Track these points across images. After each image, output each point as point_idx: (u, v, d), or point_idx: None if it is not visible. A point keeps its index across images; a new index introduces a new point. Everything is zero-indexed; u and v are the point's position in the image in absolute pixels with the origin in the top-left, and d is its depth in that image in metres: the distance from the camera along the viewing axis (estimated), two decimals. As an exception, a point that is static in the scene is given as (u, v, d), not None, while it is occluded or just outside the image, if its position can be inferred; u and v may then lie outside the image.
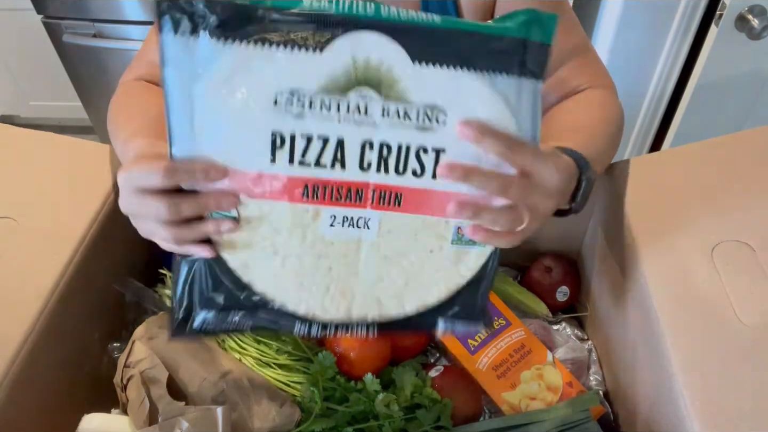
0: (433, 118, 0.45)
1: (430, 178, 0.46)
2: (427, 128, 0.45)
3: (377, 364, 0.63)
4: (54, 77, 1.89)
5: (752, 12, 1.12)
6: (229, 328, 0.51)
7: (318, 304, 0.50)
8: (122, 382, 0.59)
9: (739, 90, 1.29)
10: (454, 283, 0.50)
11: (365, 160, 0.45)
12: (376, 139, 0.45)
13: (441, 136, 0.45)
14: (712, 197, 0.63)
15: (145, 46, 0.75)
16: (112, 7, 1.60)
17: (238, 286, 0.49)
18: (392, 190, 0.46)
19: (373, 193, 0.47)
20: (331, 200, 0.46)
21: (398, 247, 0.49)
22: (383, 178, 0.46)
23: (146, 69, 0.72)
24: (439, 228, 0.48)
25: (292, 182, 0.46)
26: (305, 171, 0.45)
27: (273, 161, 0.45)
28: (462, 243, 0.49)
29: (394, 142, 0.45)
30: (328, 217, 0.47)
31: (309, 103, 0.44)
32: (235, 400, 0.57)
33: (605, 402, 0.65)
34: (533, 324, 0.72)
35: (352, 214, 0.47)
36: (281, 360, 0.63)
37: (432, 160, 0.46)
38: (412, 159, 0.46)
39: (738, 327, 0.52)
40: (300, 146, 0.44)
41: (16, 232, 0.60)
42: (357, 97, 0.44)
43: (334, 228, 0.47)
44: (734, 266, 0.57)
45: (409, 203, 0.47)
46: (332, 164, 0.45)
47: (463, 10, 0.73)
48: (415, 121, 0.45)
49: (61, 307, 0.58)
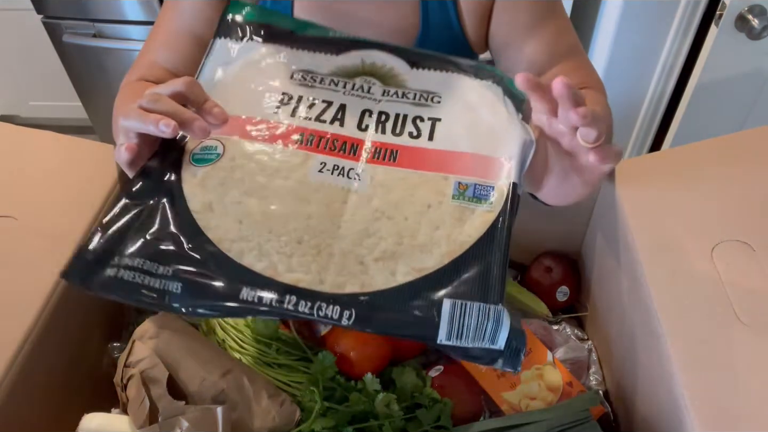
0: (429, 98, 0.51)
1: (427, 140, 0.48)
2: (422, 104, 0.50)
3: (377, 364, 0.63)
4: (54, 77, 1.89)
5: (752, 12, 1.12)
6: (148, 288, 0.40)
7: (283, 259, 0.40)
8: (122, 381, 0.59)
9: (739, 90, 1.29)
10: (458, 243, 0.42)
11: (363, 123, 0.49)
12: (375, 108, 0.50)
13: (437, 110, 0.50)
14: (712, 197, 0.63)
15: (145, 47, 0.75)
16: (112, 7, 1.60)
17: (190, 230, 0.41)
18: (388, 147, 0.47)
19: (368, 150, 0.47)
20: (325, 149, 0.46)
21: (391, 200, 0.43)
22: (380, 137, 0.48)
23: (147, 70, 0.72)
24: (438, 183, 0.45)
25: (291, 129, 0.48)
26: (305, 123, 0.48)
27: (276, 112, 0.49)
28: (464, 199, 0.44)
29: (392, 112, 0.50)
30: (318, 163, 0.45)
31: (320, 80, 0.51)
32: (235, 400, 0.57)
33: (605, 402, 0.65)
34: (533, 324, 0.72)
35: (343, 164, 0.45)
36: (281, 360, 0.63)
37: (428, 127, 0.49)
38: (409, 124, 0.49)
39: (738, 327, 0.52)
40: (305, 104, 0.50)
41: (16, 232, 0.60)
42: (362, 81, 0.51)
43: (322, 174, 0.44)
44: (734, 266, 0.57)
45: (405, 159, 0.46)
46: (332, 121, 0.49)
47: (462, 9, 0.73)
48: (412, 99, 0.50)
49: (61, 307, 0.58)
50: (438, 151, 0.47)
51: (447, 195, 0.44)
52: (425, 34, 0.73)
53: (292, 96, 0.49)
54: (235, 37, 0.52)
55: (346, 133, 0.47)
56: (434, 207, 0.44)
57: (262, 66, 0.51)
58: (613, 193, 0.66)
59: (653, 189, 0.64)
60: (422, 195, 0.44)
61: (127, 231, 0.42)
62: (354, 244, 0.42)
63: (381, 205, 0.43)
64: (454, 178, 0.45)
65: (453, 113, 0.49)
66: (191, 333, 0.63)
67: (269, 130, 0.47)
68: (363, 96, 0.49)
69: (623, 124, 1.53)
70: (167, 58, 0.73)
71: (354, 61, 0.52)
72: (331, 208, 0.43)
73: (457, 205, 0.44)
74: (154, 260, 0.40)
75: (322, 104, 0.49)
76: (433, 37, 0.74)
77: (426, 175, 0.45)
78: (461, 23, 0.73)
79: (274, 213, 0.42)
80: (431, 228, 0.43)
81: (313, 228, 0.42)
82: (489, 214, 0.43)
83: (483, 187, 0.45)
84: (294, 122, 0.47)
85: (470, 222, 0.43)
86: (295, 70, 0.51)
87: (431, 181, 0.45)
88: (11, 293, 0.56)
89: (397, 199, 0.44)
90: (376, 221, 0.43)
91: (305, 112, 0.48)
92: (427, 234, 0.42)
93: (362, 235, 0.42)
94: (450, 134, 0.48)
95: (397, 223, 0.43)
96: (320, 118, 0.48)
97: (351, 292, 0.39)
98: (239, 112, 0.48)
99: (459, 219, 0.44)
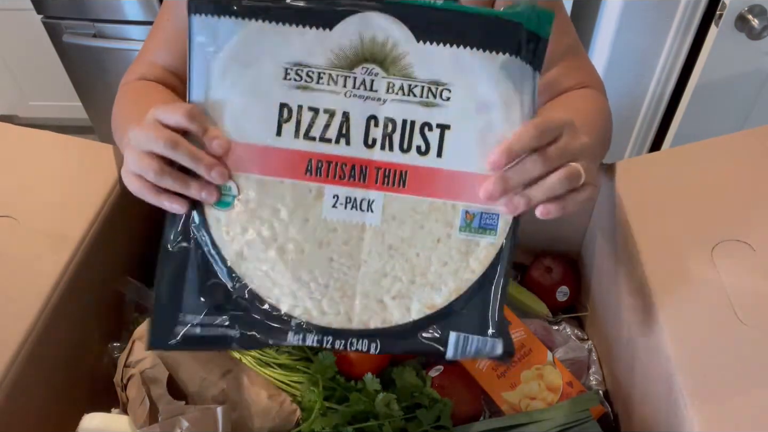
0: (438, 94, 0.46)
1: (435, 156, 0.46)
2: (431, 104, 0.46)
3: (377, 364, 0.63)
4: (54, 77, 1.89)
5: (752, 12, 1.12)
6: (214, 338, 0.46)
7: (315, 304, 0.47)
8: (122, 381, 0.59)
9: (739, 90, 1.29)
10: (464, 281, 0.47)
11: (370, 136, 0.46)
12: (381, 114, 0.46)
13: (446, 112, 0.46)
14: (712, 197, 0.63)
15: (145, 46, 0.75)
16: (112, 7, 1.60)
17: (231, 278, 0.47)
18: (397, 168, 0.46)
19: (377, 172, 0.47)
20: (335, 178, 0.47)
21: (403, 236, 0.47)
22: (387, 156, 0.46)
23: (147, 69, 0.72)
24: (446, 213, 0.47)
25: (297, 156, 0.46)
26: (310, 145, 0.46)
27: (279, 134, 0.46)
28: (471, 231, 0.47)
29: (399, 118, 0.46)
30: (331, 197, 0.47)
31: (318, 76, 0.46)
32: (235, 400, 0.57)
33: (605, 402, 0.65)
34: (533, 324, 0.72)
35: (355, 195, 0.47)
36: (281, 360, 0.63)
37: (437, 137, 0.46)
38: (417, 135, 0.46)
39: (738, 327, 0.52)
40: (306, 119, 0.46)
41: (16, 232, 0.60)
42: (363, 74, 0.46)
43: (337, 210, 0.47)
44: (734, 266, 0.57)
45: (414, 183, 0.47)
46: (337, 139, 0.46)
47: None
48: (419, 97, 0.46)
49: (61, 307, 0.58)
50: (447, 172, 0.46)
51: (455, 227, 0.47)
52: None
53: (291, 108, 0.46)
54: (209, 10, 0.46)
55: (353, 153, 0.46)
56: (443, 241, 0.47)
57: (249, 62, 0.46)
58: (613, 193, 0.66)
59: (653, 189, 0.64)
60: (431, 227, 0.47)
61: (180, 288, 0.47)
62: (373, 284, 0.47)
63: (394, 242, 0.47)
64: (462, 206, 0.46)
65: (463, 117, 0.46)
66: (191, 333, 0.63)
67: (277, 161, 0.46)
68: (366, 96, 0.46)
69: (623, 124, 1.53)
70: (166, 58, 0.73)
71: (351, 39, 0.46)
72: (350, 246, 0.47)
73: (463, 239, 0.47)
74: (212, 313, 0.47)
75: (324, 116, 0.46)
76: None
77: (435, 203, 0.46)
78: (461, 23, 0.73)
79: (299, 260, 0.46)
80: (440, 264, 0.47)
81: (336, 270, 0.47)
82: (492, 248, 0.47)
83: (489, 216, 0.46)
84: (299, 145, 0.46)
85: (475, 256, 0.47)
86: (287, 64, 0.46)
87: (440, 210, 0.47)
88: (11, 293, 0.56)
89: (409, 234, 0.47)
90: (391, 259, 0.47)
91: (308, 129, 0.46)
92: (436, 271, 0.47)
93: (380, 274, 0.47)
94: (459, 149, 0.46)
95: (409, 260, 0.47)
96: (325, 136, 0.46)
97: (375, 327, 0.47)
98: (241, 138, 0.46)
99: (465, 253, 0.47)
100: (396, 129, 0.46)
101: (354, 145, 0.46)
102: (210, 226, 0.47)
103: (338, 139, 0.46)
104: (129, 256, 0.73)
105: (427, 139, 0.46)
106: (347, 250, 0.47)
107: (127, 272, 0.71)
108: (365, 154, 0.46)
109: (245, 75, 0.46)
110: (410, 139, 0.46)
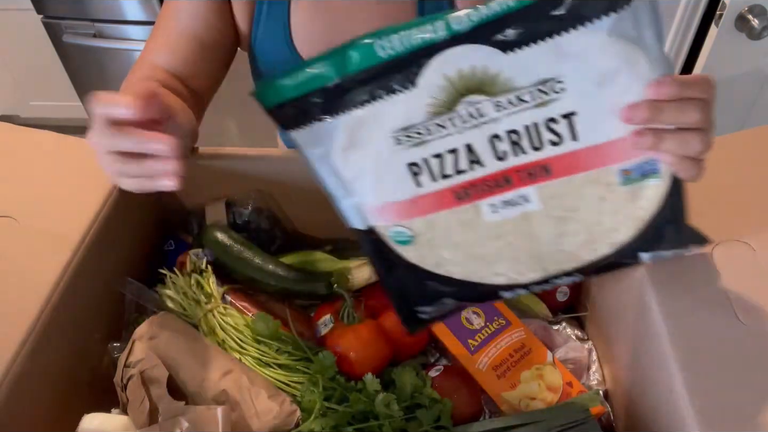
0: (549, 90, 0.43)
1: (571, 141, 0.45)
2: (546, 102, 0.44)
3: (377, 364, 0.63)
4: (54, 77, 1.89)
5: (752, 12, 1.12)
6: (446, 312, 0.56)
7: (514, 273, 0.51)
8: (122, 382, 0.59)
9: (739, 90, 1.29)
10: (639, 219, 0.47)
11: (499, 151, 0.46)
12: (500, 130, 0.45)
13: (565, 102, 0.43)
14: (712, 197, 0.63)
15: (146, 47, 0.75)
16: (112, 7, 1.60)
17: (440, 280, 0.53)
18: (537, 164, 0.46)
19: (519, 174, 0.47)
20: (484, 194, 0.48)
21: (567, 206, 0.48)
22: (523, 158, 0.46)
23: (149, 71, 0.72)
24: (601, 177, 0.46)
25: (443, 193, 0.49)
26: (450, 181, 0.48)
27: (419, 185, 0.49)
28: (632, 181, 0.46)
29: (519, 126, 0.45)
30: (487, 206, 0.49)
31: (426, 130, 0.46)
32: (235, 400, 0.57)
33: (605, 402, 0.65)
34: (533, 324, 0.72)
35: (509, 197, 0.48)
36: (281, 360, 0.63)
37: (566, 127, 0.44)
38: (545, 132, 0.45)
39: (738, 327, 0.52)
40: (435, 165, 0.47)
41: (16, 232, 0.60)
42: (466, 107, 0.45)
43: (498, 213, 0.49)
44: (734, 266, 0.57)
45: (559, 168, 0.46)
46: (470, 167, 0.47)
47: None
48: (531, 102, 0.44)
49: (61, 307, 0.58)
50: (589, 149, 0.45)
51: (614, 183, 0.46)
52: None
53: (418, 164, 0.47)
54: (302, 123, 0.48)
55: (490, 170, 0.47)
56: (607, 197, 0.47)
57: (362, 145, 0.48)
58: (613, 193, 0.66)
59: (653, 189, 0.64)
60: (591, 192, 0.47)
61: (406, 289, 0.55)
62: (557, 246, 0.49)
63: (561, 213, 0.48)
64: (616, 168, 0.45)
65: (586, 97, 0.43)
66: (191, 333, 0.63)
67: (430, 203, 0.49)
68: (478, 124, 0.45)
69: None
70: (166, 60, 0.73)
71: (439, 84, 0.44)
72: (522, 232, 0.49)
73: (628, 189, 0.46)
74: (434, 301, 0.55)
75: (449, 156, 0.47)
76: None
77: (588, 175, 0.46)
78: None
79: (485, 254, 0.51)
80: (612, 215, 0.47)
81: (519, 247, 0.50)
82: (659, 188, 0.46)
83: (648, 163, 0.45)
84: (440, 186, 0.48)
85: (645, 197, 0.47)
86: (394, 133, 0.46)
87: (594, 178, 0.46)
88: (11, 293, 0.56)
89: (572, 203, 0.47)
90: (565, 225, 0.48)
91: (441, 171, 0.48)
92: (610, 220, 0.48)
93: (560, 237, 0.49)
94: (593, 125, 0.44)
95: (581, 220, 0.48)
96: (459, 169, 0.47)
97: (571, 269, 0.51)
98: (391, 199, 0.50)
99: (633, 199, 0.47)
100: (521, 136, 0.45)
101: (488, 164, 0.47)
102: (401, 255, 0.52)
103: (471, 167, 0.47)
104: (129, 256, 0.73)
105: (556, 132, 0.45)
106: (521, 233, 0.49)
107: (127, 272, 0.71)
108: (501, 166, 0.47)
109: (365, 156, 0.48)
110: (539, 138, 0.45)
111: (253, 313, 0.67)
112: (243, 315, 0.66)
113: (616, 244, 0.49)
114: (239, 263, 0.70)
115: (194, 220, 0.79)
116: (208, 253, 0.70)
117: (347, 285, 0.69)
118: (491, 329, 0.69)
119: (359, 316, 0.65)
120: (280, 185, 0.75)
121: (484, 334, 0.68)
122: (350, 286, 0.70)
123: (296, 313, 0.72)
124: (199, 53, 0.74)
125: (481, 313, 0.70)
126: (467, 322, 0.69)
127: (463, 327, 0.69)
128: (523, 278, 0.51)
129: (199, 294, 0.66)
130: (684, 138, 0.43)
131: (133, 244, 0.74)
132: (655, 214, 0.47)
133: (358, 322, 0.65)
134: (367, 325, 0.64)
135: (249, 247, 0.71)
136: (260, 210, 0.77)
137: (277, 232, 0.79)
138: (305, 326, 0.70)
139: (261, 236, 0.78)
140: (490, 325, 0.69)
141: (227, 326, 0.65)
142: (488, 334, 0.68)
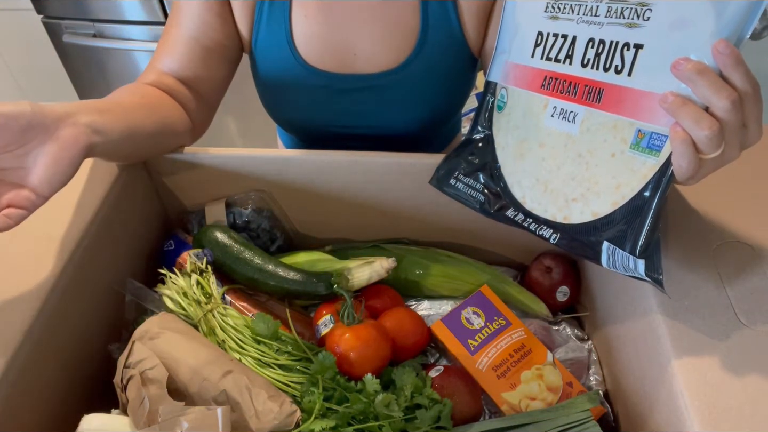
0: (642, 15, 0.49)
1: (626, 75, 0.50)
2: (634, 25, 0.50)
3: (377, 364, 0.63)
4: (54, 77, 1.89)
5: (752, 12, 1.11)
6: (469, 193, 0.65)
7: (528, 191, 0.60)
8: (122, 382, 0.59)
9: (739, 90, 1.28)
10: (621, 196, 0.51)
11: (585, 57, 0.53)
12: (597, 37, 0.52)
13: (642, 32, 0.49)
14: (713, 198, 0.63)
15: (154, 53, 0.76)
16: (112, 7, 1.60)
17: (494, 162, 0.63)
18: (596, 86, 0.52)
19: (583, 89, 0.54)
20: (557, 92, 0.56)
21: (590, 147, 0.53)
22: (592, 74, 0.53)
23: (155, 76, 0.73)
24: (624, 130, 0.50)
25: (539, 73, 0.58)
26: (548, 65, 0.57)
27: (532, 56, 0.58)
28: (639, 149, 0.50)
29: (608, 39, 0.51)
30: (552, 107, 0.57)
31: (565, 7, 0.55)
32: (235, 401, 0.57)
33: (605, 402, 0.65)
34: (533, 324, 0.72)
35: (566, 107, 0.55)
36: (281, 360, 0.63)
37: (631, 57, 0.50)
38: (617, 55, 0.51)
39: (738, 327, 0.52)
40: (550, 43, 0.56)
41: (16, 232, 0.60)
42: (593, 1, 0.53)
43: (554, 119, 0.56)
44: (734, 266, 0.57)
45: (607, 99, 0.52)
46: (564, 59, 0.55)
47: (462, 11, 0.73)
48: (627, 18, 0.50)
49: (61, 308, 0.58)
50: (634, 92, 0.49)
51: (627, 143, 0.50)
52: (425, 35, 0.74)
53: (543, 34, 0.57)
54: None
55: (571, 72, 0.55)
56: (617, 156, 0.51)
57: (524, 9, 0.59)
58: (613, 193, 0.66)
59: (653, 189, 0.64)
60: (611, 142, 0.52)
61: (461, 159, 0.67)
62: (563, 185, 0.56)
63: (582, 151, 0.54)
64: (637, 125, 0.49)
65: (657, 35, 0.48)
66: (191, 333, 0.63)
67: (529, 77, 0.59)
68: (590, 21, 0.52)
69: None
70: (172, 66, 0.73)
71: None
72: (556, 151, 0.56)
73: (631, 156, 0.50)
74: (470, 177, 0.66)
75: (560, 40, 0.55)
76: (432, 37, 0.74)
77: (620, 120, 0.51)
78: (461, 24, 0.73)
79: (526, 156, 0.59)
80: (610, 177, 0.52)
81: (544, 169, 0.58)
82: (652, 169, 0.49)
83: (657, 136, 0.48)
84: (542, 65, 0.57)
85: (638, 174, 0.50)
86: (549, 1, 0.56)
87: (620, 127, 0.51)
88: (11, 293, 0.56)
89: (595, 146, 0.53)
90: (579, 166, 0.54)
91: (550, 51, 0.56)
92: (606, 182, 0.52)
93: (569, 178, 0.55)
94: (648, 68, 0.49)
95: (589, 168, 0.54)
96: (557, 57, 0.56)
97: (559, 221, 0.57)
98: (513, 60, 0.60)
99: (630, 170, 0.50)
100: (604, 50, 0.52)
101: (574, 65, 0.54)
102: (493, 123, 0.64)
103: (564, 60, 0.55)
104: (129, 257, 0.73)
105: (623, 59, 0.50)
106: (554, 153, 0.56)
107: (127, 272, 0.71)
108: (578, 72, 0.54)
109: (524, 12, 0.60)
110: (611, 59, 0.51)
111: (253, 314, 0.67)
112: (243, 315, 0.66)
113: (593, 214, 0.54)
114: (239, 263, 0.70)
115: (194, 220, 0.79)
116: (208, 253, 0.70)
117: (347, 285, 0.69)
118: (491, 329, 0.69)
119: (359, 317, 0.65)
120: (280, 185, 0.75)
121: (484, 335, 0.68)
122: (350, 286, 0.70)
123: (296, 313, 0.72)
124: (203, 58, 0.74)
125: (481, 314, 0.70)
126: (467, 323, 0.69)
127: (463, 327, 0.69)
128: (529, 204, 0.59)
129: (199, 294, 0.66)
130: (701, 117, 0.44)
131: (133, 244, 0.74)
132: (630, 200, 0.51)
133: (358, 322, 0.65)
134: (367, 325, 0.64)
135: (249, 247, 0.71)
136: (260, 210, 0.77)
137: (277, 232, 0.79)
138: (305, 326, 0.70)
139: (261, 236, 0.78)
140: (490, 325, 0.69)
141: (227, 326, 0.65)
142: (488, 334, 0.68)
